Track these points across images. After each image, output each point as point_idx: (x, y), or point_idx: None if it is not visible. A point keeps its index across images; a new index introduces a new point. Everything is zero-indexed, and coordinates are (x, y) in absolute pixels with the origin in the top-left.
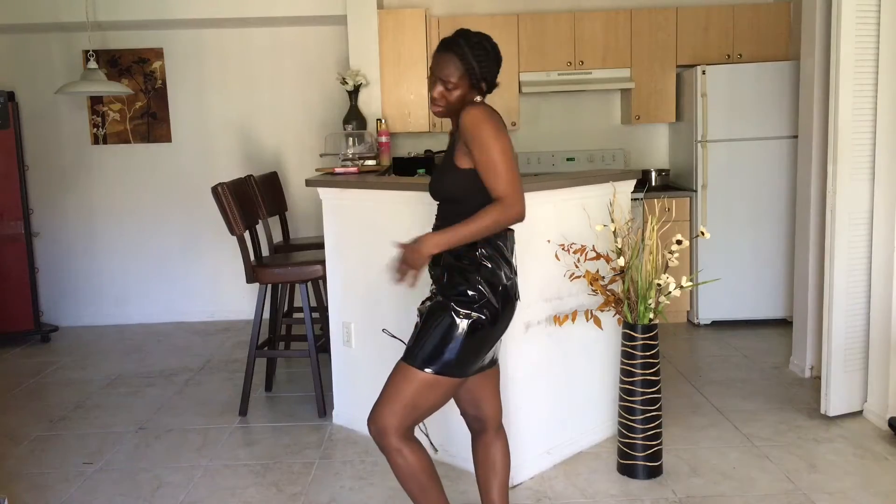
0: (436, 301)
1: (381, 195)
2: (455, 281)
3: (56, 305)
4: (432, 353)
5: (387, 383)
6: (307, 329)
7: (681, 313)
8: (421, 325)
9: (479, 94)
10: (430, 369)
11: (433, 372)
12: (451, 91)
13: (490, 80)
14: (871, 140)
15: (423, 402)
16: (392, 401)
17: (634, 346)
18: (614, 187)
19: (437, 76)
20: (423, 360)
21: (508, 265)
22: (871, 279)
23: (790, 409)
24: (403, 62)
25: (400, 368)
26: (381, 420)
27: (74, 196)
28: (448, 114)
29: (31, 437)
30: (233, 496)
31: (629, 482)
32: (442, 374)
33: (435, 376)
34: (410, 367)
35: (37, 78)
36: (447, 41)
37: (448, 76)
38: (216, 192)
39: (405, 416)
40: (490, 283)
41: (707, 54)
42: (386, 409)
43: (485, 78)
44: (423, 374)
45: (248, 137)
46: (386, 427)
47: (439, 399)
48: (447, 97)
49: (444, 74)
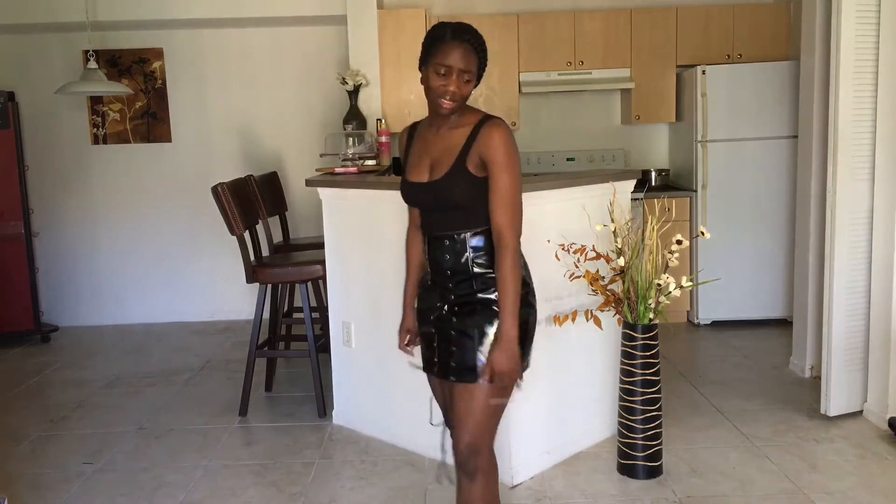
0: (468, 308)
1: (381, 195)
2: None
3: (56, 305)
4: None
5: (460, 407)
6: (307, 329)
7: (681, 313)
8: (462, 338)
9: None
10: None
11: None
12: (467, 84)
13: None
14: (871, 140)
15: (500, 412)
16: (477, 420)
17: (634, 346)
18: (614, 187)
19: (458, 68)
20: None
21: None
22: (871, 279)
23: (790, 409)
24: (403, 62)
25: (468, 390)
26: (475, 440)
27: (74, 196)
28: (457, 109)
29: (32, 437)
30: (233, 496)
31: (629, 482)
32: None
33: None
34: (477, 385)
35: (37, 78)
36: (464, 32)
37: (468, 68)
38: (216, 192)
39: (492, 432)
40: (525, 268)
41: (707, 54)
42: (476, 429)
43: (484, 69)
44: (488, 384)
45: (248, 137)
46: (481, 446)
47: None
48: (464, 90)
49: (465, 67)
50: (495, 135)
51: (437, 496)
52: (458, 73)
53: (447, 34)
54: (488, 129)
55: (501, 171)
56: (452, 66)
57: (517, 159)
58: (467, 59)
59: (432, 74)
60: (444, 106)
